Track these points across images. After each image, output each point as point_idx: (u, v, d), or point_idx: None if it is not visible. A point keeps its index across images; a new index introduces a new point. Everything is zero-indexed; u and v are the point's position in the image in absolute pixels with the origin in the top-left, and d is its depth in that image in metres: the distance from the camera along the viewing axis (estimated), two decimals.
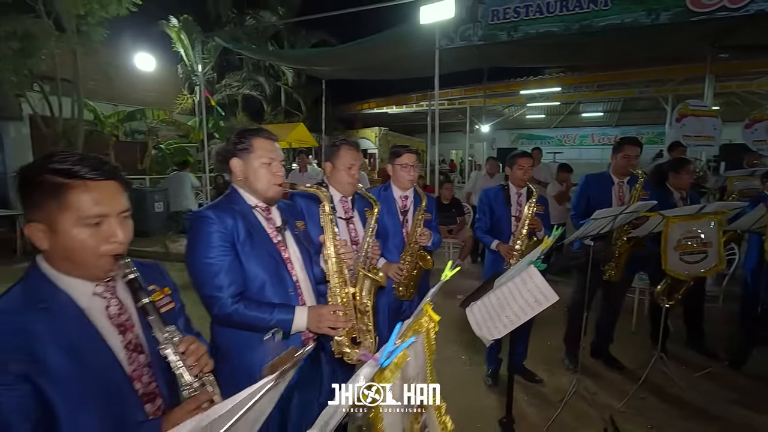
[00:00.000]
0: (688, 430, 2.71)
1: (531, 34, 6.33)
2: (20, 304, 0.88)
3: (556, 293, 1.45)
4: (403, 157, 2.58)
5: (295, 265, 1.65)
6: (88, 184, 0.90)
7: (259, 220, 1.58)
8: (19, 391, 0.81)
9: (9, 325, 0.84)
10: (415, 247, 2.43)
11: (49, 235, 0.89)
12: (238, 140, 1.57)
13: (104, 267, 0.93)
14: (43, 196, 0.88)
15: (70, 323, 0.90)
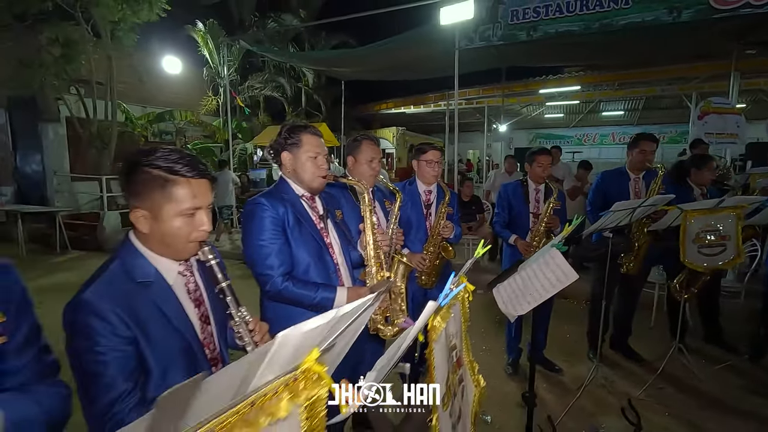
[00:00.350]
0: (705, 419, 2.78)
1: (550, 33, 6.38)
2: (124, 278, 1.04)
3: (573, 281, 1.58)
4: (428, 154, 2.75)
5: (335, 250, 1.83)
6: (190, 182, 1.05)
7: (305, 208, 1.76)
8: (126, 353, 0.98)
9: (119, 295, 0.99)
10: (438, 239, 2.58)
11: (151, 222, 1.04)
12: (288, 136, 1.75)
13: (191, 251, 1.09)
14: (150, 187, 1.02)
15: (163, 296, 1.07)
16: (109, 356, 0.94)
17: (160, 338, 1.02)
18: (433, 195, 2.83)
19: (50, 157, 9.21)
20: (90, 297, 0.96)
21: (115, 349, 0.95)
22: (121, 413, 0.93)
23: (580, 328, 3.80)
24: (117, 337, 0.95)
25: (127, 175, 1.04)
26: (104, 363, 0.93)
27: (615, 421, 2.69)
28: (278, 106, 14.37)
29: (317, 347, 0.52)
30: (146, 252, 1.08)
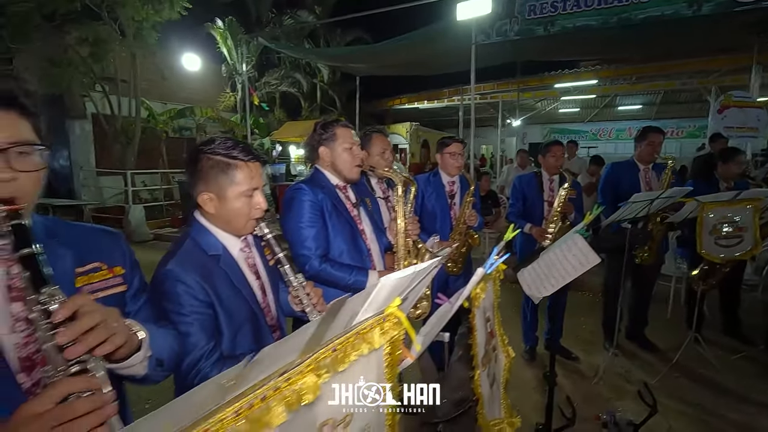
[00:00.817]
0: (720, 406, 2.85)
1: (568, 28, 6.38)
2: (198, 252, 1.19)
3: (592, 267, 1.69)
4: (451, 146, 2.88)
5: (368, 236, 1.96)
6: (248, 165, 1.19)
7: (340, 196, 1.89)
8: (207, 315, 1.13)
9: (196, 266, 1.14)
10: (464, 227, 2.70)
11: (216, 203, 1.19)
12: (324, 131, 1.89)
13: (250, 228, 1.23)
14: (214, 172, 1.17)
15: (231, 267, 1.22)
16: (192, 318, 1.09)
17: (231, 304, 1.17)
18: (456, 186, 2.96)
19: (77, 153, 9.54)
20: (174, 267, 1.11)
21: (197, 311, 1.10)
22: (206, 368, 1.08)
23: (596, 319, 3.88)
24: (198, 300, 1.11)
25: (193, 163, 1.19)
26: (189, 323, 1.09)
27: (631, 405, 2.78)
28: (293, 101, 14.56)
29: (399, 296, 0.64)
30: (213, 229, 1.23)
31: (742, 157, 3.51)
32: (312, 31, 14.60)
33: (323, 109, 15.23)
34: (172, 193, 10.67)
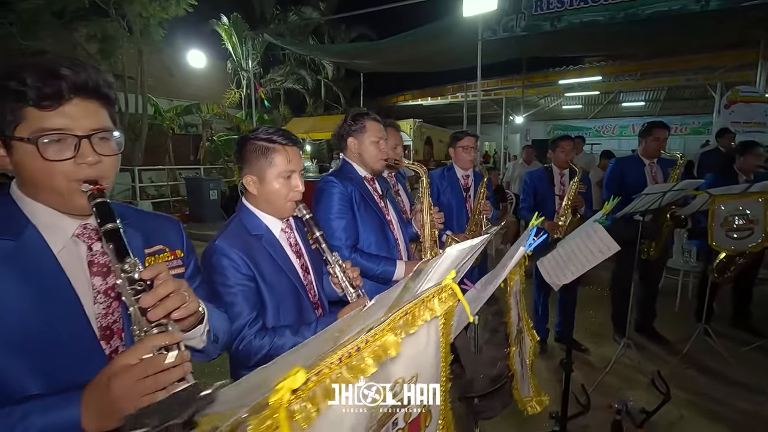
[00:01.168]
0: (730, 396, 2.89)
1: (575, 23, 6.38)
2: (243, 231, 1.29)
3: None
4: (464, 140, 2.93)
5: (395, 227, 2.01)
6: (285, 148, 1.28)
7: (368, 188, 1.93)
8: (250, 288, 1.23)
9: (240, 243, 1.25)
10: (479, 218, 2.75)
11: (258, 185, 1.29)
12: (353, 122, 1.93)
13: (290, 209, 1.33)
14: (255, 155, 1.28)
15: (272, 245, 1.31)
16: (236, 289, 1.19)
17: (273, 279, 1.26)
18: (471, 179, 3.02)
19: None
20: (220, 243, 1.22)
21: (240, 283, 1.20)
22: (250, 335, 1.18)
23: (604, 312, 3.93)
24: (241, 273, 1.21)
25: (240, 149, 1.30)
26: (234, 294, 1.19)
27: (641, 395, 2.83)
28: (298, 98, 14.60)
29: (455, 269, 0.69)
30: (256, 211, 1.33)
31: (760, 150, 3.52)
32: (316, 28, 14.62)
33: (327, 105, 15.26)
34: (179, 189, 10.73)
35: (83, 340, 0.79)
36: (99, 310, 0.83)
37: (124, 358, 0.66)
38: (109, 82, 0.82)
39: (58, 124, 0.75)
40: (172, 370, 0.65)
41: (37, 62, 0.74)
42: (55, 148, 0.75)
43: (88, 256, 0.84)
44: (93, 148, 0.78)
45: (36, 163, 0.75)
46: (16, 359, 0.72)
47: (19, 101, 0.73)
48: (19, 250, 0.76)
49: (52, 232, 0.81)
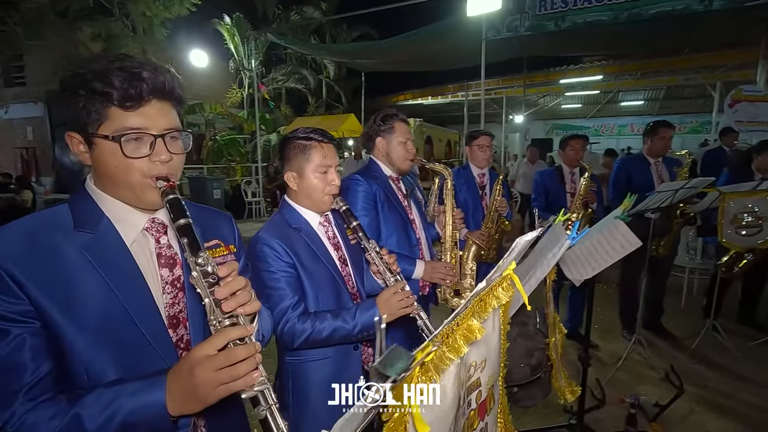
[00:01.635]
0: (738, 391, 2.93)
1: (579, 23, 6.44)
2: (284, 223, 1.37)
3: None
4: (479, 139, 2.97)
5: (417, 226, 2.04)
6: (322, 145, 1.35)
7: (392, 187, 1.97)
8: (292, 274, 1.30)
9: (281, 234, 1.32)
10: (495, 215, 2.78)
11: (297, 180, 1.36)
12: (383, 122, 1.97)
13: (327, 203, 1.38)
14: (294, 152, 1.35)
15: (311, 237, 1.38)
16: (278, 274, 1.27)
17: (312, 268, 1.33)
18: (486, 177, 3.06)
19: None
20: (263, 234, 1.31)
21: (282, 270, 1.28)
22: (293, 318, 1.24)
23: (611, 310, 3.97)
24: (282, 261, 1.28)
25: (282, 148, 1.39)
26: (277, 279, 1.26)
27: (652, 390, 2.87)
28: (299, 97, 14.62)
29: (515, 260, 0.72)
30: (296, 206, 1.41)
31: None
32: (318, 27, 14.63)
33: (329, 104, 15.29)
34: (182, 188, 10.73)
35: (155, 328, 0.84)
36: (167, 300, 0.88)
37: (204, 349, 0.70)
38: (181, 84, 0.86)
39: (137, 124, 0.79)
40: (246, 361, 0.70)
41: (121, 65, 0.77)
42: (133, 145, 0.79)
43: (156, 249, 0.89)
44: (166, 146, 0.82)
45: (115, 160, 0.79)
46: (100, 347, 0.77)
47: (104, 101, 0.77)
48: (97, 242, 0.81)
49: (124, 226, 0.85)
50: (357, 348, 1.41)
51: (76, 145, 0.82)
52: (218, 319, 0.73)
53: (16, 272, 0.73)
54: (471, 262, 2.18)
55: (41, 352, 0.73)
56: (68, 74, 0.78)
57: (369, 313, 1.28)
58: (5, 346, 0.71)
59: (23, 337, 0.72)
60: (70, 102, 0.78)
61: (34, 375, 0.72)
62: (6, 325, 0.72)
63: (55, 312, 0.74)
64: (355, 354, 1.41)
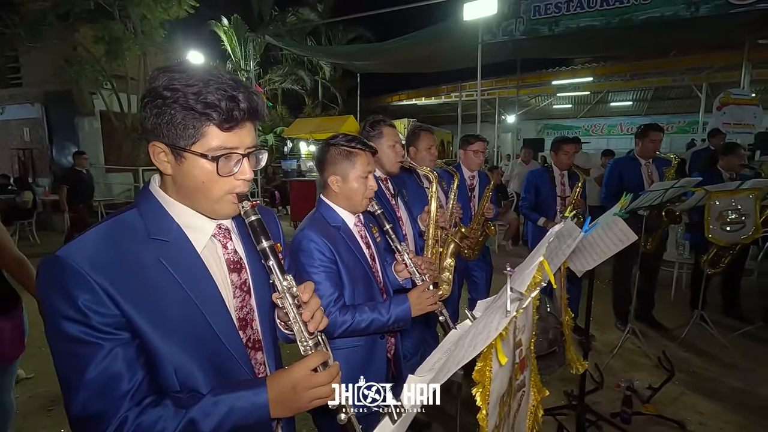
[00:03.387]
0: (724, 376, 3.16)
1: (572, 28, 6.65)
2: (324, 222, 1.49)
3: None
4: (474, 144, 3.14)
5: (405, 223, 2.21)
6: (366, 153, 1.48)
7: (381, 188, 2.13)
8: (333, 270, 1.43)
9: (324, 231, 1.44)
10: (481, 219, 2.96)
11: (341, 183, 1.48)
12: (372, 129, 2.13)
13: (365, 205, 1.52)
14: (341, 159, 1.46)
15: (349, 235, 1.51)
16: (321, 269, 1.39)
17: (350, 264, 1.46)
18: (476, 180, 3.23)
19: (86, 149, 9.54)
20: (308, 231, 1.42)
21: (324, 265, 1.40)
22: (334, 312, 1.37)
23: (606, 304, 4.18)
24: (325, 257, 1.40)
25: (324, 153, 1.50)
26: (318, 273, 1.38)
27: (645, 376, 3.08)
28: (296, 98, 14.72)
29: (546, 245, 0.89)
30: (335, 206, 1.53)
31: (741, 150, 3.81)
32: (314, 29, 14.75)
33: (325, 105, 15.41)
34: None
35: (229, 331, 0.89)
36: (236, 303, 0.93)
37: (303, 369, 0.83)
38: (264, 105, 0.91)
39: (232, 144, 0.82)
40: (335, 379, 0.85)
41: (221, 86, 0.79)
42: (222, 163, 0.82)
43: (225, 255, 0.93)
44: (249, 165, 0.87)
45: (205, 176, 0.82)
46: (184, 351, 0.82)
47: (203, 120, 0.79)
48: (172, 249, 0.83)
49: (194, 232, 0.87)
50: (383, 338, 1.56)
51: (159, 155, 0.82)
52: (305, 339, 0.85)
53: (107, 284, 0.74)
54: (450, 258, 2.37)
55: (134, 361, 0.76)
56: (159, 86, 0.78)
57: (402, 306, 1.44)
58: (102, 360, 0.73)
59: (116, 350, 0.74)
60: (158, 113, 0.78)
61: (131, 382, 0.75)
62: (99, 338, 0.73)
63: (143, 322, 0.77)
64: (380, 343, 1.55)
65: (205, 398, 0.79)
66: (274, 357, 1.02)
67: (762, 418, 2.68)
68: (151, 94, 0.78)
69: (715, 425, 2.61)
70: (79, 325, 0.73)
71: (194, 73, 0.79)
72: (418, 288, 1.46)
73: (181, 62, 0.83)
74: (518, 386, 0.85)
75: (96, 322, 0.73)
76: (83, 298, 0.73)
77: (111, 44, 7.44)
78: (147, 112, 0.79)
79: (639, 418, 2.59)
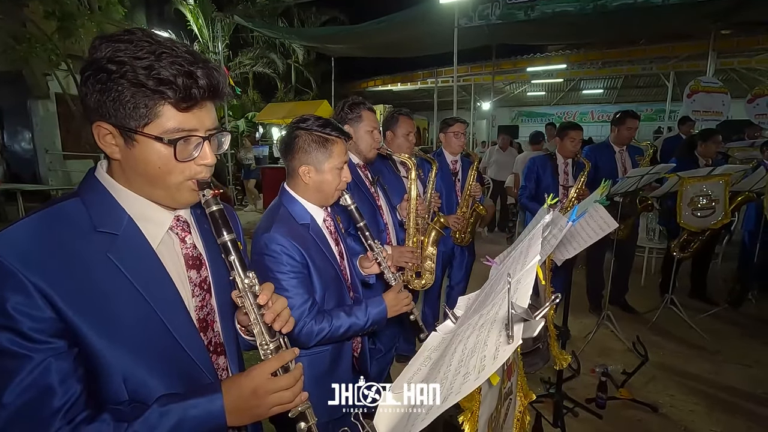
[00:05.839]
0: (692, 357, 3.25)
1: (547, 14, 6.61)
2: (292, 220, 1.32)
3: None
4: (455, 126, 3.05)
5: (384, 212, 2.11)
6: (342, 141, 1.33)
7: (360, 175, 2.01)
8: (304, 275, 1.28)
9: (293, 232, 1.28)
10: (469, 200, 2.89)
11: (313, 174, 1.31)
12: (350, 111, 1.99)
13: (336, 197, 1.38)
14: (314, 147, 1.30)
15: (319, 234, 1.37)
16: (292, 275, 1.24)
17: (321, 266, 1.32)
18: (459, 164, 3.14)
19: (41, 135, 8.98)
20: (274, 234, 1.25)
21: (295, 270, 1.25)
22: (310, 322, 1.25)
23: (579, 289, 4.22)
24: (296, 261, 1.25)
25: (292, 139, 1.32)
26: (288, 281, 1.24)
27: (618, 360, 3.13)
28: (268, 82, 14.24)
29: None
30: (301, 200, 1.36)
31: (719, 137, 3.85)
32: (286, 10, 14.21)
33: (298, 90, 14.99)
34: None
35: (189, 334, 0.80)
36: (196, 302, 0.84)
37: (264, 372, 0.76)
38: (226, 82, 0.80)
39: (191, 125, 0.73)
40: (297, 384, 0.79)
41: (176, 60, 0.69)
42: (181, 147, 0.73)
43: (183, 249, 0.84)
44: (211, 149, 0.78)
45: (161, 161, 0.73)
46: (136, 358, 0.73)
47: (157, 98, 0.70)
48: (122, 243, 0.74)
49: (148, 225, 0.78)
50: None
51: (105, 138, 0.72)
52: (266, 341, 0.78)
53: (42, 284, 0.64)
54: (431, 246, 2.30)
55: (69, 374, 0.66)
56: (101, 57, 0.67)
57: (379, 309, 1.36)
58: (28, 374, 0.63)
59: (47, 361, 0.64)
60: (102, 89, 0.68)
61: (65, 398, 0.65)
62: (28, 348, 0.63)
63: (86, 327, 0.67)
64: (347, 344, 1.45)
65: (151, 409, 0.70)
66: (237, 362, 0.93)
67: (729, 396, 2.77)
68: (93, 66, 0.68)
69: (685, 407, 2.67)
70: (5, 332, 0.63)
71: (143, 44, 0.68)
72: (393, 289, 1.39)
73: (129, 30, 0.68)
74: (505, 395, 0.77)
75: (27, 328, 0.63)
76: (13, 301, 0.63)
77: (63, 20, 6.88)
78: (88, 88, 0.69)
79: (613, 403, 2.62)
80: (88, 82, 0.69)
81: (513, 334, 0.43)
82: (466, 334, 0.50)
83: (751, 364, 3.13)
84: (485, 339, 0.45)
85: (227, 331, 0.91)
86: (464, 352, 0.46)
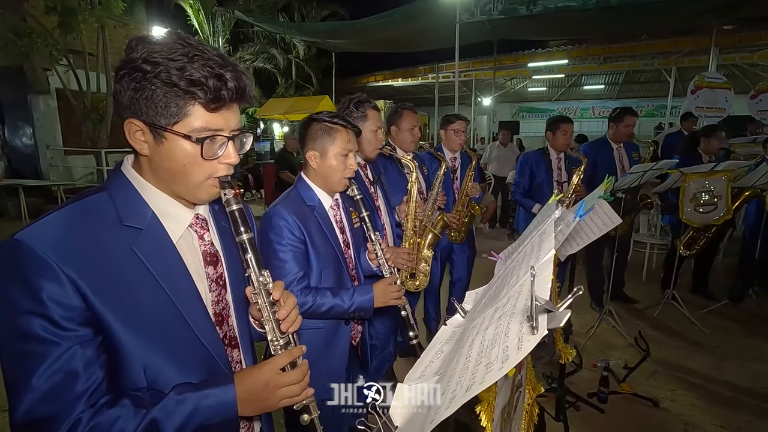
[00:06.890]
0: (693, 353, 3.27)
1: (550, 9, 6.58)
2: (299, 201, 1.42)
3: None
4: (455, 123, 3.05)
5: (383, 212, 2.12)
6: (347, 130, 1.42)
7: (360, 174, 2.02)
8: (300, 249, 1.37)
9: (296, 210, 1.38)
10: (465, 199, 2.90)
11: (319, 160, 1.42)
12: (356, 109, 1.99)
13: (343, 185, 1.45)
14: (321, 134, 1.41)
15: (323, 216, 1.45)
16: (288, 248, 1.35)
17: (320, 246, 1.40)
18: (458, 161, 3.14)
19: (42, 130, 8.94)
20: (280, 207, 1.37)
21: (292, 244, 1.35)
22: (296, 291, 1.33)
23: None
24: (294, 235, 1.35)
25: (305, 128, 1.44)
26: (285, 252, 1.34)
27: (619, 355, 3.15)
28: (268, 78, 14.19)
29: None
30: (312, 185, 1.47)
31: (722, 133, 3.84)
32: (286, 5, 14.14)
33: (299, 85, 14.94)
34: None
35: (206, 327, 0.84)
36: (213, 297, 0.88)
37: (275, 367, 0.80)
38: (253, 85, 0.83)
39: (218, 125, 0.77)
40: (304, 379, 0.83)
41: (208, 62, 0.73)
42: (207, 146, 0.77)
43: (201, 246, 0.88)
44: (234, 148, 0.81)
45: (187, 159, 0.77)
46: (156, 347, 0.76)
47: (188, 98, 0.73)
48: (146, 238, 0.77)
49: (170, 221, 0.82)
50: (348, 323, 1.52)
51: (136, 134, 0.76)
52: (277, 338, 0.82)
53: (74, 274, 0.68)
54: (427, 249, 2.31)
55: (93, 361, 0.70)
56: (137, 57, 0.71)
57: (365, 297, 1.41)
58: (56, 360, 0.66)
59: (74, 349, 0.68)
60: (136, 88, 0.71)
61: (88, 383, 0.69)
62: (58, 335, 0.67)
63: (112, 317, 0.71)
64: (345, 328, 1.51)
65: (169, 396, 0.73)
66: (251, 355, 0.98)
67: (729, 391, 2.79)
68: (129, 65, 0.71)
69: (686, 401, 2.69)
70: (38, 318, 0.66)
71: (177, 47, 0.72)
72: (384, 280, 1.44)
73: (171, 33, 0.73)
74: (516, 387, 0.78)
75: (58, 315, 0.66)
76: (48, 289, 0.66)
77: (64, 16, 6.85)
78: (123, 86, 0.72)
79: (615, 397, 2.64)
80: (123, 81, 0.72)
81: (537, 325, 0.44)
82: (483, 327, 0.51)
83: (752, 360, 3.15)
84: (506, 330, 0.46)
85: (241, 325, 0.94)
86: (483, 343, 0.48)
